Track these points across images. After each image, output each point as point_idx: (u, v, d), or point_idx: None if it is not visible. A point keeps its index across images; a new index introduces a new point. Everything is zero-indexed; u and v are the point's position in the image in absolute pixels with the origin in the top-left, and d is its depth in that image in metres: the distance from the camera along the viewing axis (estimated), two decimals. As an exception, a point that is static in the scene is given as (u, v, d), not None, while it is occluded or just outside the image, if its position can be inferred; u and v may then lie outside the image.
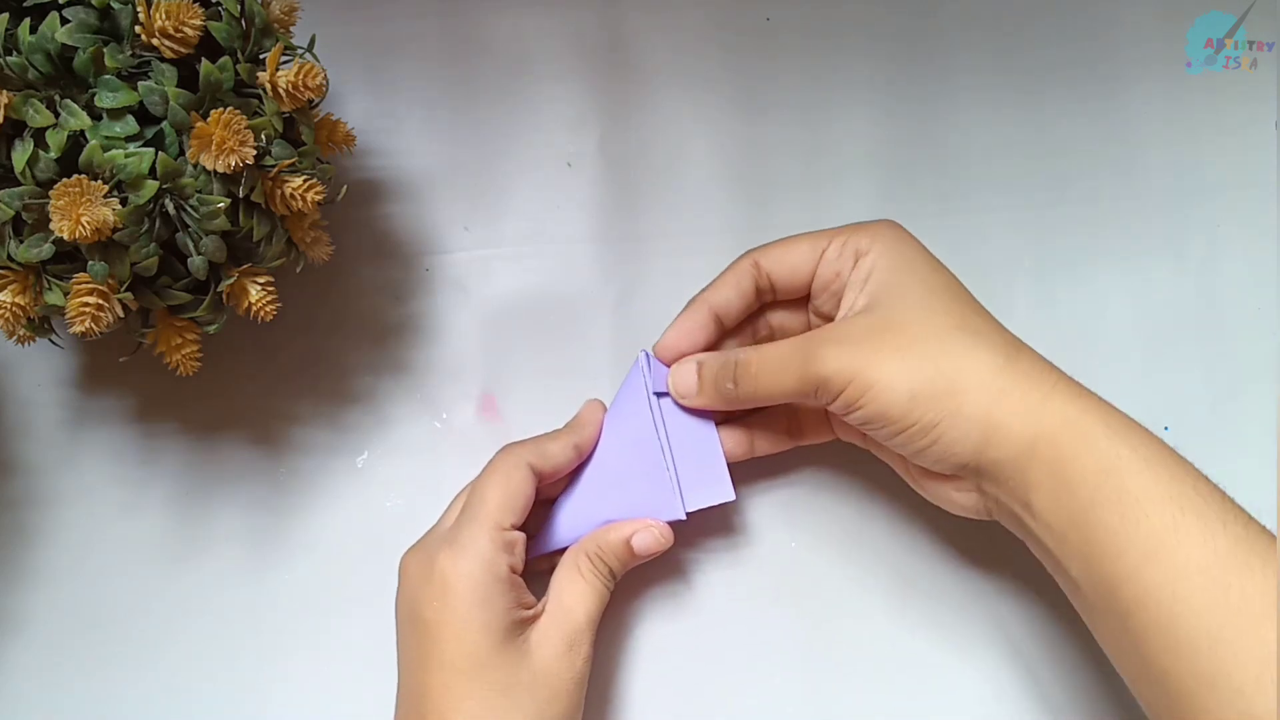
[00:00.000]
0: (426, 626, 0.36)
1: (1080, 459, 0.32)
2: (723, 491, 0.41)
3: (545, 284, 0.47)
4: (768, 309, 0.43)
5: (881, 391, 0.34)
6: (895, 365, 0.35)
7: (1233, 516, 0.31)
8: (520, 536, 0.38)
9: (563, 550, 0.41)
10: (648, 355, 0.41)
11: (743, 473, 0.45)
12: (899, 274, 0.37)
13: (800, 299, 0.42)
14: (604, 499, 0.41)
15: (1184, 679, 0.30)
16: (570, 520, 0.41)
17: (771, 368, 0.37)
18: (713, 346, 0.41)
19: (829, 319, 0.40)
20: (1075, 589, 0.34)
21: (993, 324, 0.37)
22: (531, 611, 0.37)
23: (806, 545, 0.45)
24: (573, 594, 0.38)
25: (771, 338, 0.43)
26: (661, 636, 0.44)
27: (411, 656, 0.37)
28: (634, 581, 0.44)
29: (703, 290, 0.41)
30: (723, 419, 0.43)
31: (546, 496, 0.41)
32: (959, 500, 0.37)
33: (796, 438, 0.43)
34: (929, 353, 0.35)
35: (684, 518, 0.40)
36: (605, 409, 0.42)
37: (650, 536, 0.39)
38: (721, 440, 0.42)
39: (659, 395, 0.41)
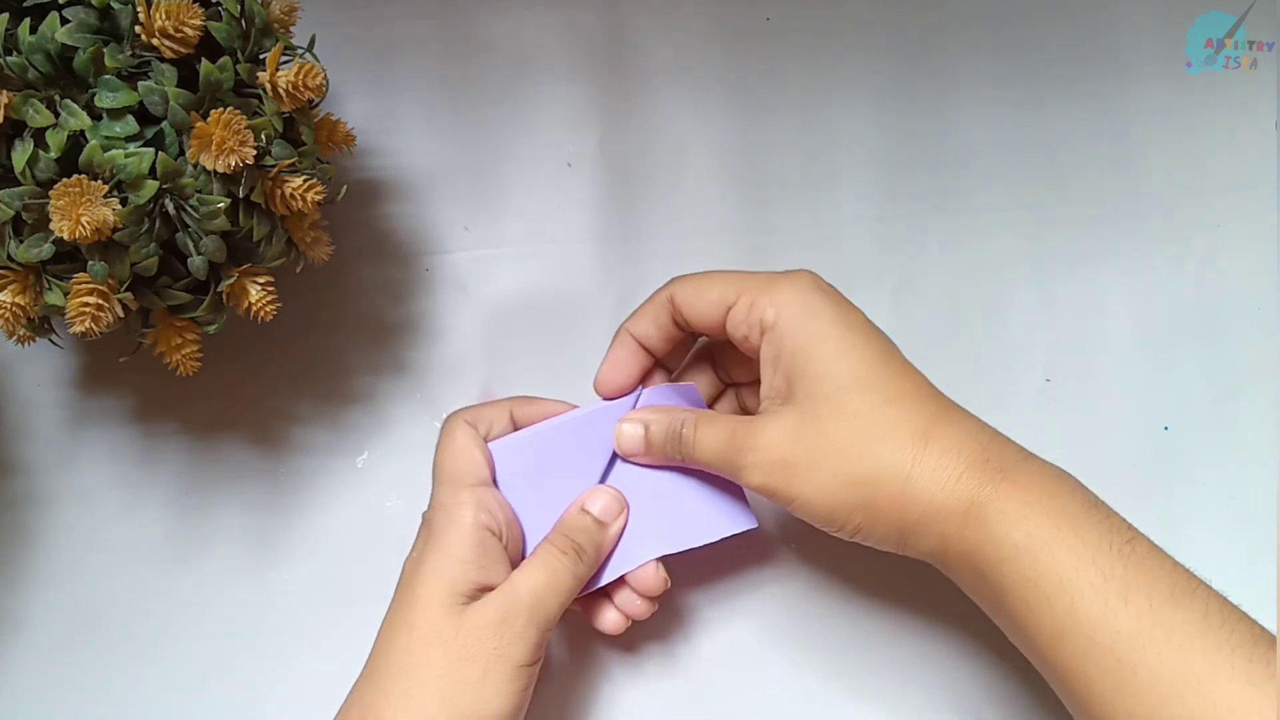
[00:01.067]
0: (404, 569, 0.38)
1: (983, 549, 0.33)
2: (746, 520, 0.41)
3: (545, 284, 0.47)
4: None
5: (802, 507, 0.36)
6: (810, 487, 0.35)
7: (1135, 589, 0.31)
8: (493, 493, 0.38)
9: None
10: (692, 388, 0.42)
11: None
12: (807, 362, 0.36)
13: None
14: (664, 519, 0.40)
15: None
16: (629, 544, 0.39)
17: (707, 457, 0.38)
18: (649, 372, 0.41)
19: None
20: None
21: (907, 410, 0.35)
22: (489, 579, 0.37)
23: (805, 547, 0.45)
24: (523, 572, 0.37)
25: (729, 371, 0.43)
26: (652, 641, 0.44)
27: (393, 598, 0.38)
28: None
29: (628, 319, 0.41)
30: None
31: None
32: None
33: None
34: (839, 468, 0.35)
35: (755, 526, 0.40)
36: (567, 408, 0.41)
37: (601, 495, 0.39)
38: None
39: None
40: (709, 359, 0.43)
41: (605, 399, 0.41)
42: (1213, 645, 0.29)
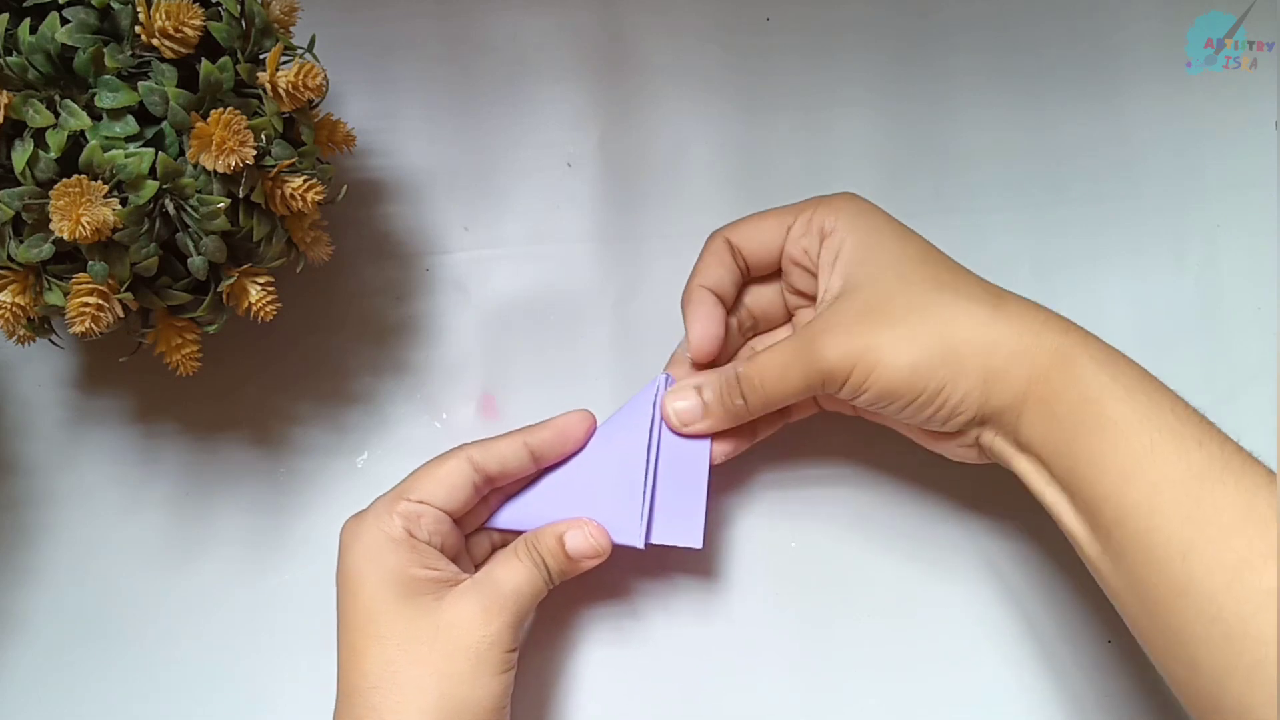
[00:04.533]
0: (337, 597, 0.37)
1: (1067, 391, 0.34)
2: (692, 537, 0.40)
3: (545, 284, 0.47)
4: (744, 292, 0.42)
5: (885, 370, 0.35)
6: (891, 342, 0.35)
7: (1209, 437, 0.32)
8: (427, 509, 0.37)
9: (514, 534, 0.40)
10: (668, 378, 0.41)
11: (737, 464, 0.45)
12: (867, 249, 0.38)
13: (771, 277, 0.42)
14: (570, 499, 0.40)
15: (1159, 589, 0.31)
16: (531, 506, 0.40)
17: (775, 374, 0.38)
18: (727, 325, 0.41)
19: (802, 295, 0.41)
20: (1060, 517, 0.35)
21: (969, 277, 0.38)
22: (443, 573, 0.37)
23: (806, 542, 0.45)
24: (502, 567, 0.38)
25: (755, 326, 0.43)
26: (647, 634, 0.44)
27: (336, 633, 0.37)
28: (621, 583, 0.44)
29: (691, 279, 0.41)
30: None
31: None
32: (960, 453, 0.38)
33: (786, 416, 0.43)
34: (919, 322, 0.36)
35: (641, 548, 0.39)
36: (589, 419, 0.40)
37: (581, 536, 0.39)
38: (725, 435, 0.40)
39: (665, 423, 0.40)
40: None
41: (701, 366, 0.40)
42: (1276, 495, 0.30)
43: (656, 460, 0.40)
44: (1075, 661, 0.43)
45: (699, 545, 0.40)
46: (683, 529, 0.40)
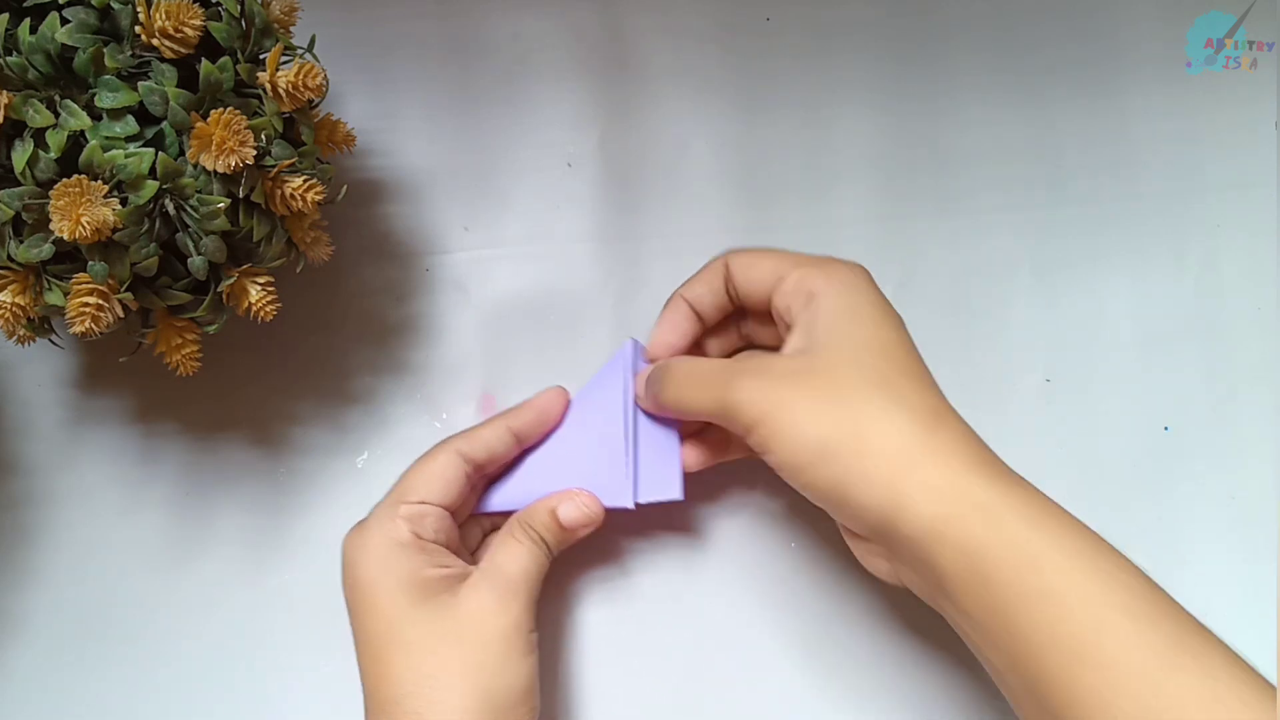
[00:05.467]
0: (349, 611, 0.37)
1: (995, 550, 0.31)
2: (673, 490, 0.41)
3: (545, 284, 0.47)
4: (748, 315, 0.42)
5: (789, 437, 0.34)
6: (805, 411, 0.33)
7: (1161, 613, 0.30)
8: (429, 509, 0.38)
9: (507, 514, 0.41)
10: (635, 344, 0.42)
11: (739, 462, 0.45)
12: (841, 323, 0.36)
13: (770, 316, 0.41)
14: (557, 472, 0.41)
15: None
16: (519, 486, 0.41)
17: (692, 383, 0.37)
18: (697, 342, 0.42)
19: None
20: (1000, 677, 0.33)
21: (922, 391, 0.35)
22: (454, 569, 0.37)
23: (808, 541, 0.45)
24: (504, 552, 0.38)
25: (750, 344, 0.43)
26: (645, 633, 0.44)
27: (355, 647, 0.37)
28: (624, 582, 0.44)
29: (681, 286, 0.41)
30: (699, 429, 0.42)
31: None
32: (874, 564, 0.36)
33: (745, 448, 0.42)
34: (842, 404, 0.33)
35: (632, 507, 0.40)
36: (565, 395, 0.42)
37: (574, 506, 0.39)
38: (695, 444, 0.42)
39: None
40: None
41: (650, 362, 0.41)
42: (1239, 680, 0.28)
43: (635, 423, 0.41)
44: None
45: (680, 497, 0.41)
46: (663, 484, 0.41)
